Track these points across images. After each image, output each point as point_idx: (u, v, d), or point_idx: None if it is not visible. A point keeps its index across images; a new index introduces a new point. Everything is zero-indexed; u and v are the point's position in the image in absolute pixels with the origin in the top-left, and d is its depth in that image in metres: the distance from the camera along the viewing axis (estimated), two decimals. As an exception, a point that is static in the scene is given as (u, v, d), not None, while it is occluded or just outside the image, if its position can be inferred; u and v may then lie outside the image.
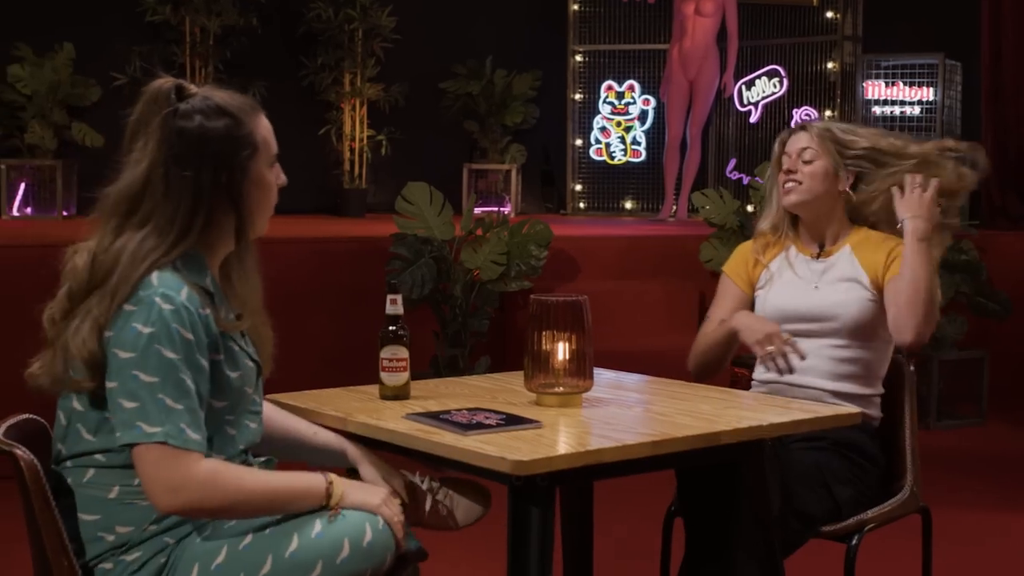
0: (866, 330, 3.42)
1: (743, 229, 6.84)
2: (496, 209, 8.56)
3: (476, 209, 8.06)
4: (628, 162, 10.03)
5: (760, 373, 3.48)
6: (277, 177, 2.57)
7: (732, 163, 9.66)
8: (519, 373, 3.22)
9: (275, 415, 2.76)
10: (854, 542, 3.24)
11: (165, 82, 2.46)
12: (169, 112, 2.41)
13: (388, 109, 9.45)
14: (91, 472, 2.42)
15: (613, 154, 10.04)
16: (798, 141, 3.51)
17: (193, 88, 2.48)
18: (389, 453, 2.72)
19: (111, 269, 2.38)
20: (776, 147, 3.58)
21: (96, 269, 2.39)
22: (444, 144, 9.78)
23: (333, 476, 2.49)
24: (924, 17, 9.50)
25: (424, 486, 2.64)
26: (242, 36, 8.91)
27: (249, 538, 2.41)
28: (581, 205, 10.13)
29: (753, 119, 9.64)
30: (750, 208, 7.61)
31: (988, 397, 7.31)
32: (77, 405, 2.42)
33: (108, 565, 2.39)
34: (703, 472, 3.04)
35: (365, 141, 9.37)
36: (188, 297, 2.37)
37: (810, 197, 3.49)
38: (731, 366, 6.80)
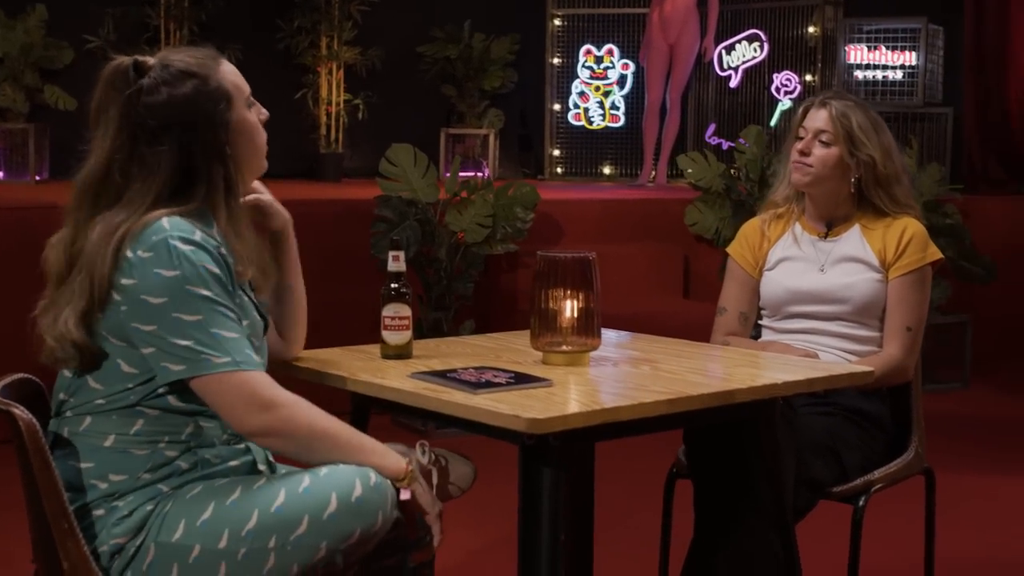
0: (875, 309, 3.40)
1: (729, 192, 6.80)
2: (474, 174, 8.47)
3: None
4: (607, 127, 9.94)
5: None
6: (259, 114, 2.55)
7: (711, 128, 9.57)
8: (520, 332, 3.17)
9: None
10: (861, 503, 3.21)
11: (122, 61, 2.43)
12: (132, 92, 2.38)
13: (365, 73, 9.34)
14: (88, 420, 2.40)
15: (592, 119, 9.95)
16: (817, 119, 3.44)
17: (150, 60, 2.44)
18: (395, 415, 2.66)
19: (81, 253, 2.36)
20: (799, 114, 3.51)
21: (72, 258, 2.38)
22: (421, 108, 9.66)
23: (410, 461, 2.45)
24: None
25: (425, 459, 2.55)
26: (217, -2, 8.78)
27: (237, 493, 2.35)
28: (559, 170, 10.04)
29: (733, 84, 9.56)
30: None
31: (971, 361, 7.30)
32: None
33: (100, 512, 2.37)
34: (713, 433, 2.99)
35: (342, 105, 9.26)
36: (203, 237, 2.36)
37: (818, 181, 3.44)
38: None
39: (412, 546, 2.63)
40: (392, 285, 2.88)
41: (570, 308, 2.80)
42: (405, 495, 2.41)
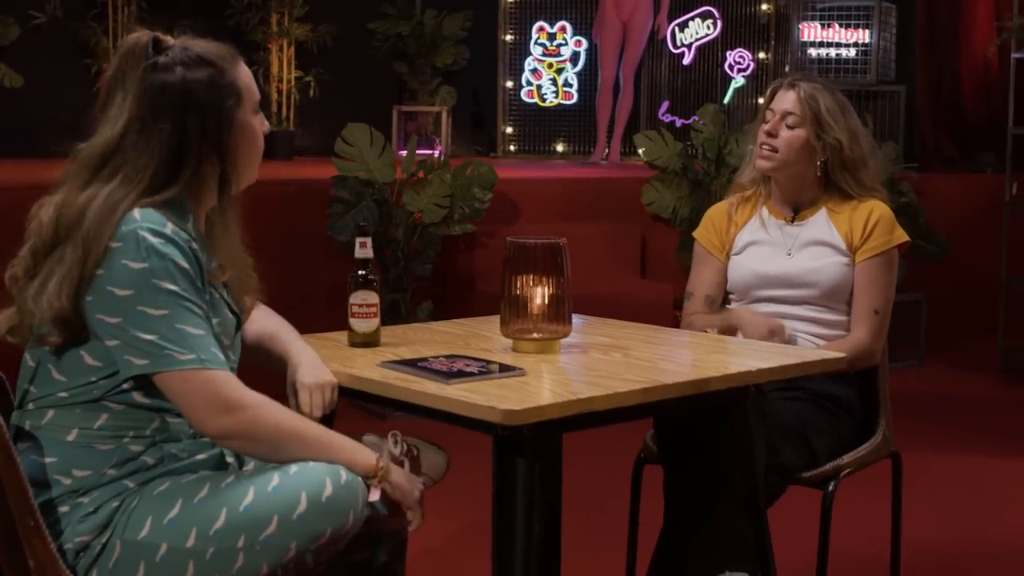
0: (842, 293, 3.38)
1: (686, 171, 6.77)
2: (429, 152, 8.42)
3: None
4: (560, 104, 9.90)
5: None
6: (261, 124, 2.51)
7: (665, 105, 9.58)
8: (488, 318, 3.14)
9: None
10: (830, 488, 3.19)
11: (142, 35, 2.38)
12: (148, 65, 2.34)
13: (316, 50, 9.25)
14: (50, 413, 2.34)
15: (544, 96, 9.91)
16: (785, 101, 3.41)
17: (170, 40, 2.41)
18: (364, 404, 2.61)
19: (76, 222, 2.29)
20: (767, 96, 3.49)
21: (61, 223, 2.31)
22: (373, 85, 9.59)
23: (382, 460, 2.41)
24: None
25: (398, 450, 2.50)
26: (166, -27, 8.65)
27: (205, 490, 2.30)
28: (512, 147, 10.00)
29: (686, 61, 9.55)
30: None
31: (926, 339, 7.34)
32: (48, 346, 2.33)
33: (64, 508, 2.30)
34: (684, 420, 2.97)
35: (293, 82, 9.17)
36: (174, 231, 2.29)
37: (783, 166, 3.41)
38: (673, 310, 6.79)
39: (383, 541, 2.59)
40: (359, 272, 2.83)
41: (540, 295, 2.76)
42: (375, 495, 2.37)
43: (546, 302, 2.76)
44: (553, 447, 3.16)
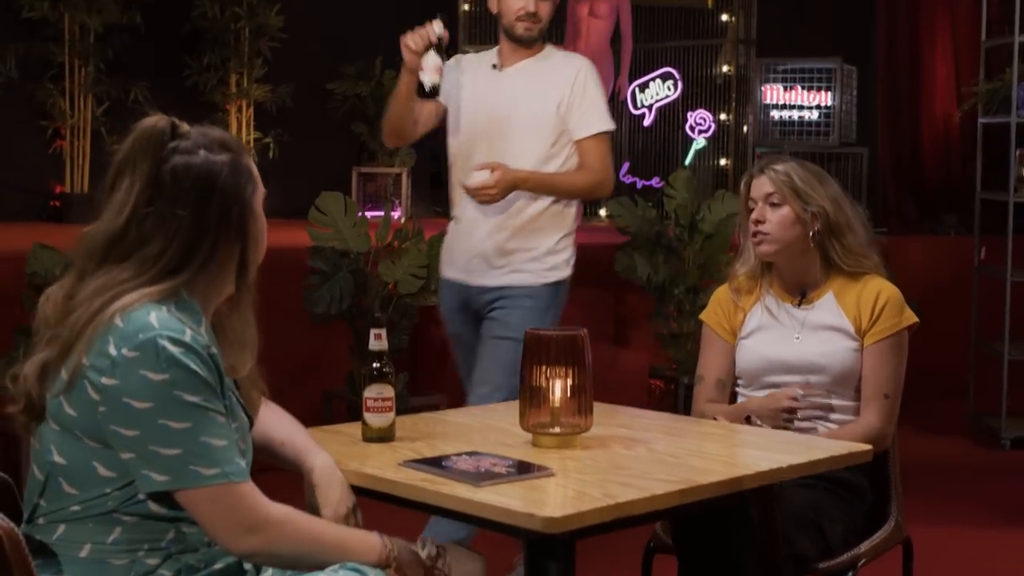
0: (852, 379, 3.34)
1: (659, 238, 6.73)
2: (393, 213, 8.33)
3: (368, 213, 7.82)
4: (519, 165, 9.83)
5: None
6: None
7: (626, 166, 9.56)
8: (503, 406, 3.06)
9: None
10: (848, 578, 3.13)
11: (159, 120, 2.30)
12: (169, 150, 2.26)
13: (275, 111, 9.16)
14: (61, 528, 2.23)
15: (504, 157, 9.83)
16: (763, 186, 3.39)
17: (186, 126, 2.33)
18: (383, 503, 2.52)
19: (69, 311, 2.23)
20: (742, 189, 3.45)
21: (68, 311, 2.23)
22: (332, 146, 9.50)
23: (385, 537, 2.34)
24: (819, 21, 9.51)
25: (424, 554, 2.40)
26: (124, 34, 8.54)
27: None
28: (472, 208, 9.90)
29: (647, 122, 9.55)
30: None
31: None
32: (58, 459, 2.23)
33: None
34: (701, 514, 2.89)
35: (252, 144, 9.07)
36: (193, 338, 2.19)
37: (781, 246, 3.37)
38: (648, 378, 6.73)
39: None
40: (374, 364, 2.74)
41: (560, 387, 2.70)
42: None
43: (567, 395, 2.69)
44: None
